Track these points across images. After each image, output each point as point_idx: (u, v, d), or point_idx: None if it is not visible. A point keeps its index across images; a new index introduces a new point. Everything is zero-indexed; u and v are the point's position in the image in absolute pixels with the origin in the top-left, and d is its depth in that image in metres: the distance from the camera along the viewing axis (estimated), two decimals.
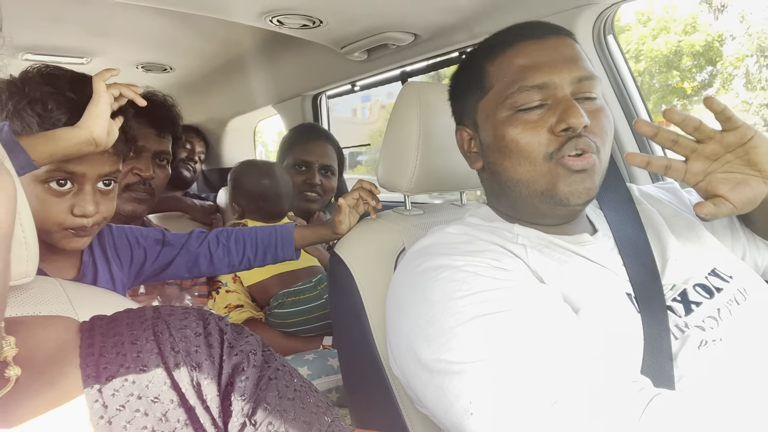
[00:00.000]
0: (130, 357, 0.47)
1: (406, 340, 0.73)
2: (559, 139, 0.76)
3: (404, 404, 0.90)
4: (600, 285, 0.76)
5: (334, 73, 2.05)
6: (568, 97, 0.76)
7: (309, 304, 1.59)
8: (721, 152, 0.75)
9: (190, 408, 0.45)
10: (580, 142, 0.75)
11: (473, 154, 0.90)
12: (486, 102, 0.83)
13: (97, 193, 0.95)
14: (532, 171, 0.78)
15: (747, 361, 0.70)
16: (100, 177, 0.94)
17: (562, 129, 0.75)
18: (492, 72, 0.82)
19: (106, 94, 0.90)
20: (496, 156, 0.82)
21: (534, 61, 0.78)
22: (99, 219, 0.95)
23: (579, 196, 0.78)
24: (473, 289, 0.69)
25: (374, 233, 1.06)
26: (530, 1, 1.26)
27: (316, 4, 1.35)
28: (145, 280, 1.20)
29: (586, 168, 0.77)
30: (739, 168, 0.75)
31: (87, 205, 0.91)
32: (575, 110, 0.74)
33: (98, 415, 0.43)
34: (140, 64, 2.16)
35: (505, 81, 0.79)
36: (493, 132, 0.81)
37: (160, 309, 0.53)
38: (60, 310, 0.63)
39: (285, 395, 0.49)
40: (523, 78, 0.77)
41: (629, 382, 0.60)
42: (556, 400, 0.58)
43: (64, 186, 0.91)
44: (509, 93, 0.78)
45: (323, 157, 1.96)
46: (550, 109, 0.77)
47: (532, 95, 0.77)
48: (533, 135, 0.77)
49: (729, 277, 0.81)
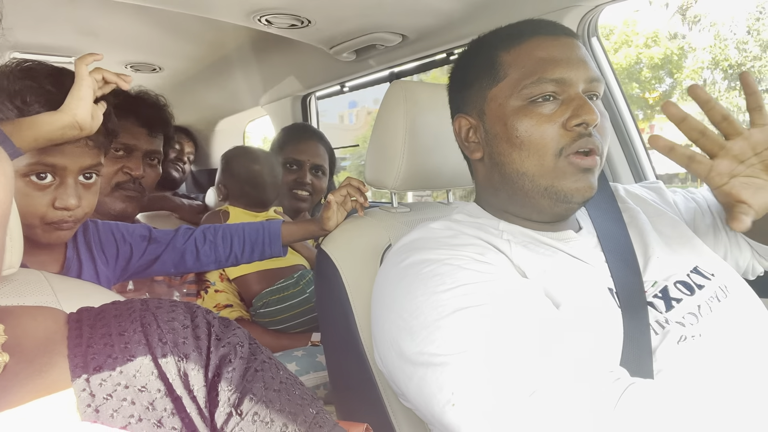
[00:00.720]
0: (118, 348, 0.47)
1: (389, 334, 0.74)
2: (571, 135, 0.77)
3: (389, 399, 0.91)
4: (582, 280, 0.78)
5: (323, 74, 2.06)
6: (581, 95, 0.78)
7: (294, 300, 1.60)
8: (749, 153, 0.72)
9: (177, 397, 0.46)
10: (590, 141, 0.77)
11: (472, 144, 0.88)
12: (498, 90, 0.82)
13: (79, 186, 0.94)
14: (540, 165, 0.79)
15: (725, 356, 0.72)
16: (82, 170, 0.94)
17: (576, 124, 0.76)
18: (508, 61, 0.81)
19: (88, 78, 0.89)
20: (504, 146, 0.81)
21: (552, 56, 0.78)
22: (81, 213, 0.95)
23: (582, 194, 0.79)
24: (456, 282, 0.70)
25: (361, 230, 1.07)
26: (517, 3, 1.28)
27: (305, 3, 1.36)
28: (131, 276, 1.20)
29: (592, 167, 0.78)
30: (759, 173, 0.73)
31: (69, 198, 0.91)
32: (589, 107, 0.76)
33: (85, 403, 0.43)
34: (129, 64, 2.15)
35: (523, 71, 0.79)
36: (503, 121, 0.81)
37: (147, 302, 0.54)
38: (44, 301, 0.64)
39: (271, 386, 0.50)
40: (543, 70, 0.77)
41: (606, 372, 0.61)
42: (535, 390, 0.59)
43: (45, 179, 0.90)
44: (527, 83, 0.78)
45: (315, 157, 1.96)
46: (563, 104, 0.78)
47: (547, 88, 0.77)
48: (546, 128, 0.77)
49: (711, 274, 0.83)
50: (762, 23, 10.34)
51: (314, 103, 2.41)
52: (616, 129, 1.40)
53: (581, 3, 1.23)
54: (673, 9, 11.08)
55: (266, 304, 1.61)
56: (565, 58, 0.78)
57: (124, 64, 2.14)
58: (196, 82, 2.45)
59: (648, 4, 11.04)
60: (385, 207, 1.15)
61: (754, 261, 0.98)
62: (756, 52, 10.50)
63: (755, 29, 10.40)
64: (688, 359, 0.71)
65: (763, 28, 10.42)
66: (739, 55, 10.54)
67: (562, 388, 0.59)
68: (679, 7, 11.09)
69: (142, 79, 2.30)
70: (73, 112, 0.86)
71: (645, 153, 1.43)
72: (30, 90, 0.88)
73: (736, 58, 10.62)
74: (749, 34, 10.47)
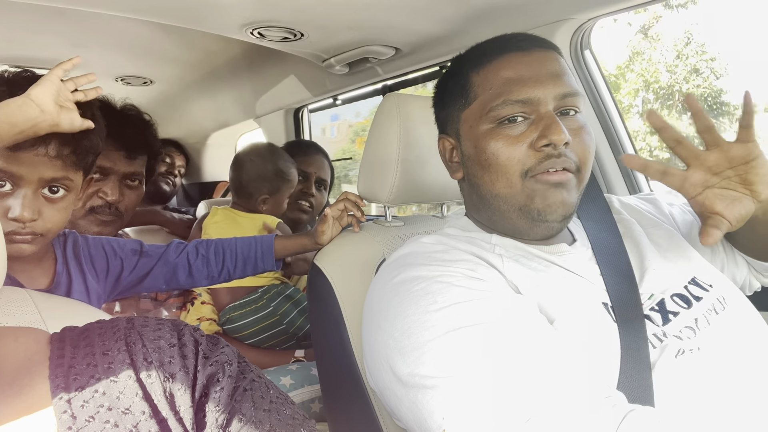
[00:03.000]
0: (101, 368, 0.46)
1: (381, 354, 0.73)
2: (539, 155, 0.76)
3: (383, 416, 0.89)
4: (576, 295, 0.76)
5: (315, 87, 2.06)
6: (551, 113, 0.77)
7: (257, 315, 1.60)
8: (724, 165, 0.72)
9: (162, 420, 0.44)
10: (559, 162, 0.76)
11: (455, 164, 0.89)
12: (469, 112, 0.83)
13: (40, 200, 0.89)
14: (509, 187, 0.79)
15: (724, 370, 0.71)
16: (43, 182, 0.89)
17: (543, 144, 0.75)
18: (477, 82, 0.82)
19: (56, 78, 0.87)
20: (476, 168, 0.82)
21: (519, 75, 0.78)
22: (41, 227, 0.90)
23: (555, 210, 0.78)
24: (448, 301, 0.68)
25: (354, 244, 1.06)
26: (509, 16, 1.28)
27: (297, 16, 1.35)
28: (122, 292, 1.17)
29: (562, 181, 0.77)
30: (735, 185, 0.73)
31: (23, 210, 0.86)
32: (557, 127, 0.75)
33: (66, 426, 0.42)
34: (120, 77, 2.14)
35: (490, 93, 0.79)
36: (474, 144, 0.81)
37: (133, 320, 0.52)
38: (28, 321, 0.62)
39: (261, 406, 0.48)
40: (508, 91, 0.77)
41: (603, 398, 0.59)
42: (530, 417, 0.57)
43: (4, 187, 0.86)
44: (493, 105, 0.78)
45: (320, 170, 1.98)
46: (533, 124, 0.77)
47: (515, 109, 0.77)
48: (513, 150, 0.77)
49: (709, 286, 0.82)
50: (690, 48, 10.96)
51: (307, 116, 2.40)
52: (609, 141, 1.40)
53: (574, 16, 1.23)
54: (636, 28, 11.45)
55: (230, 320, 1.61)
56: (533, 76, 0.77)
57: (115, 77, 2.13)
58: (188, 96, 2.44)
59: (613, 22, 11.38)
60: (379, 221, 1.14)
61: (751, 277, 0.98)
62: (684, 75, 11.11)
63: (684, 54, 10.96)
64: (687, 373, 0.70)
65: (691, 54, 11.04)
66: (670, 78, 11.09)
67: (559, 415, 0.57)
68: (641, 26, 11.44)
69: (133, 92, 2.28)
70: (27, 93, 0.83)
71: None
72: (5, 97, 0.85)
73: (665, 80, 11.16)
74: (678, 58, 11.04)
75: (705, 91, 10.75)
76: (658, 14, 11.40)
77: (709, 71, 10.94)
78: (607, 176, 1.42)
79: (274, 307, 1.61)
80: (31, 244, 0.90)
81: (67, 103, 0.88)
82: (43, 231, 0.91)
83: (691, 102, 0.72)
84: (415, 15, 1.34)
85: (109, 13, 1.30)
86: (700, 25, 11.61)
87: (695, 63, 10.98)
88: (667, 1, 10.58)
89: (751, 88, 0.72)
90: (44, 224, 0.90)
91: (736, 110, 10.50)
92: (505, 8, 1.25)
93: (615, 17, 9.27)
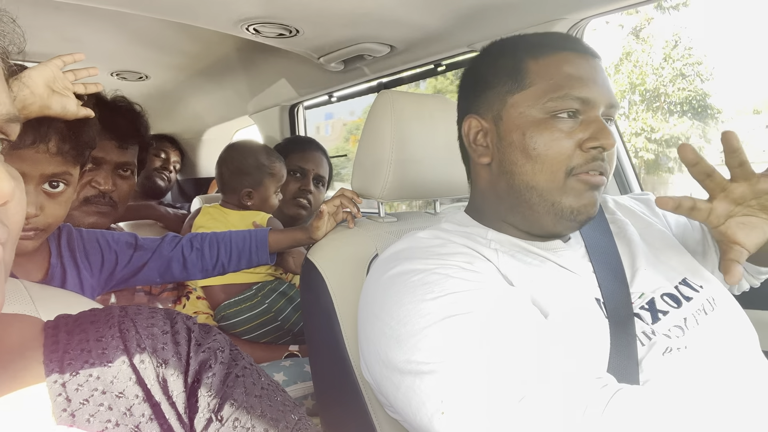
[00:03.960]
0: (95, 353, 0.46)
1: (377, 343, 0.74)
2: (585, 156, 0.77)
3: (375, 410, 0.90)
4: (569, 290, 0.78)
5: (311, 84, 2.06)
6: (600, 118, 0.78)
7: (252, 311, 1.60)
8: (749, 197, 0.74)
9: (155, 403, 0.45)
10: (601, 165, 0.77)
11: (480, 148, 0.85)
12: (521, 97, 0.80)
13: (41, 195, 0.91)
14: (551, 181, 0.78)
15: (710, 368, 0.73)
16: (44, 177, 0.90)
17: (593, 146, 0.76)
18: (535, 70, 0.80)
19: (53, 65, 0.88)
20: (518, 155, 0.80)
21: (580, 74, 0.78)
22: (43, 222, 0.91)
23: (587, 211, 0.79)
24: (444, 290, 0.69)
25: (347, 239, 1.07)
26: (503, 15, 1.29)
27: (293, 13, 1.36)
28: (117, 285, 1.17)
29: (599, 185, 0.78)
30: (756, 212, 0.75)
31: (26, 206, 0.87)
32: (608, 132, 0.76)
33: (61, 407, 0.42)
34: (115, 72, 2.14)
35: (550, 83, 0.78)
36: (522, 131, 0.79)
37: (126, 308, 0.53)
38: (22, 310, 0.62)
39: (252, 392, 0.49)
40: (570, 86, 0.77)
41: (594, 378, 0.61)
42: (523, 396, 0.59)
43: None
44: (553, 96, 0.77)
45: (319, 167, 1.99)
46: (582, 124, 0.77)
47: (573, 105, 0.77)
48: (563, 145, 0.77)
49: (699, 286, 0.84)
50: (677, 51, 11.08)
51: (302, 113, 2.41)
52: None
53: (567, 16, 1.24)
54: (628, 30, 11.55)
55: (225, 316, 1.62)
56: (592, 78, 0.78)
57: (110, 72, 2.13)
58: (183, 91, 2.44)
59: (605, 24, 11.44)
60: (372, 216, 1.15)
61: (742, 278, 0.99)
62: (670, 77, 11.28)
63: (671, 57, 11.06)
64: (674, 370, 0.72)
65: (677, 56, 11.21)
66: (656, 80, 11.19)
67: (551, 394, 0.59)
68: (633, 28, 11.52)
69: (129, 87, 2.28)
70: (21, 74, 0.83)
71: (630, 165, 1.45)
72: None
73: (651, 83, 11.24)
74: (665, 60, 11.12)
75: (690, 94, 10.90)
76: (650, 16, 11.50)
77: (694, 74, 11.09)
78: None
79: (269, 304, 1.61)
80: (33, 240, 0.91)
81: (63, 90, 0.88)
82: (44, 226, 0.92)
83: (731, 139, 0.72)
84: (410, 13, 1.35)
85: (105, 7, 1.31)
86: (688, 28, 11.82)
87: (681, 67, 11.12)
88: (659, 3, 10.66)
89: (737, 90, 0.73)
90: (45, 219, 0.91)
91: (720, 113, 10.67)
92: (499, 7, 1.26)
93: (607, 20, 9.34)
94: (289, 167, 1.93)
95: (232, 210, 1.75)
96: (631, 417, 0.56)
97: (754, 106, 8.53)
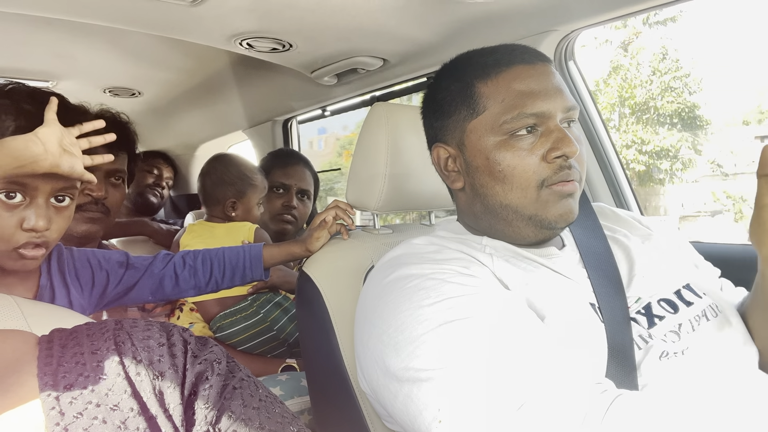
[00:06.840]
0: (90, 366, 0.46)
1: (374, 351, 0.73)
2: (552, 166, 0.78)
3: (372, 422, 0.89)
4: (564, 294, 0.78)
5: (304, 98, 2.07)
6: (560, 126, 0.78)
7: (248, 322, 1.60)
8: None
9: (151, 417, 0.44)
10: (570, 173, 0.78)
11: (452, 174, 0.87)
12: (477, 123, 0.81)
13: (51, 209, 0.90)
14: (524, 197, 0.79)
15: (708, 374, 0.73)
16: (54, 191, 0.90)
17: (556, 156, 0.77)
18: (486, 93, 0.81)
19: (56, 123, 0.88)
20: (486, 179, 0.81)
21: (531, 89, 0.78)
22: (50, 236, 0.91)
23: (565, 219, 0.80)
24: (441, 296, 0.69)
25: (343, 251, 1.06)
26: (495, 28, 1.30)
27: (286, 27, 1.37)
28: (108, 304, 1.16)
29: (572, 192, 0.79)
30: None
31: (38, 219, 0.87)
32: (569, 139, 0.77)
33: (54, 421, 0.42)
34: (108, 89, 2.14)
35: (503, 105, 0.79)
36: (485, 155, 0.80)
37: (122, 321, 0.52)
38: (14, 326, 0.62)
39: (250, 404, 0.49)
40: (522, 104, 0.77)
41: (593, 384, 0.61)
42: (522, 403, 0.58)
43: (15, 198, 0.86)
44: (507, 118, 0.78)
45: (301, 182, 1.98)
46: (542, 136, 0.78)
47: (528, 122, 0.78)
48: (527, 162, 0.78)
49: (702, 293, 0.84)
50: (665, 64, 11.34)
51: (296, 128, 2.41)
52: (595, 152, 1.43)
53: (558, 28, 1.26)
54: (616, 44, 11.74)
55: (220, 327, 1.61)
56: (543, 90, 0.79)
57: (103, 89, 2.13)
58: (176, 107, 2.44)
59: (593, 39, 11.64)
60: (368, 228, 1.15)
61: None
62: (658, 90, 11.49)
63: (659, 70, 11.29)
64: (671, 375, 0.72)
65: (665, 69, 11.39)
66: (645, 93, 11.41)
67: (550, 400, 0.58)
68: (621, 42, 11.73)
69: (121, 104, 2.28)
70: (36, 131, 0.83)
71: (624, 175, 1.46)
72: (5, 108, 0.87)
73: (641, 96, 11.47)
74: (654, 74, 11.35)
75: (679, 107, 11.07)
76: (638, 30, 11.69)
77: (683, 86, 11.27)
78: (594, 187, 1.44)
79: (264, 314, 1.61)
80: (37, 259, 0.91)
81: (71, 147, 0.89)
82: (50, 241, 0.92)
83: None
84: (403, 27, 1.36)
85: (98, 23, 1.31)
86: (675, 40, 12.01)
87: (668, 81, 11.31)
88: (647, 18, 10.84)
89: (727, 102, 0.71)
90: (53, 234, 0.91)
91: (708, 125, 10.84)
92: (490, 20, 1.27)
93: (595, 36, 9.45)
94: (272, 183, 1.93)
95: (218, 223, 1.75)
96: (631, 423, 0.56)
97: (744, 117, 8.65)
